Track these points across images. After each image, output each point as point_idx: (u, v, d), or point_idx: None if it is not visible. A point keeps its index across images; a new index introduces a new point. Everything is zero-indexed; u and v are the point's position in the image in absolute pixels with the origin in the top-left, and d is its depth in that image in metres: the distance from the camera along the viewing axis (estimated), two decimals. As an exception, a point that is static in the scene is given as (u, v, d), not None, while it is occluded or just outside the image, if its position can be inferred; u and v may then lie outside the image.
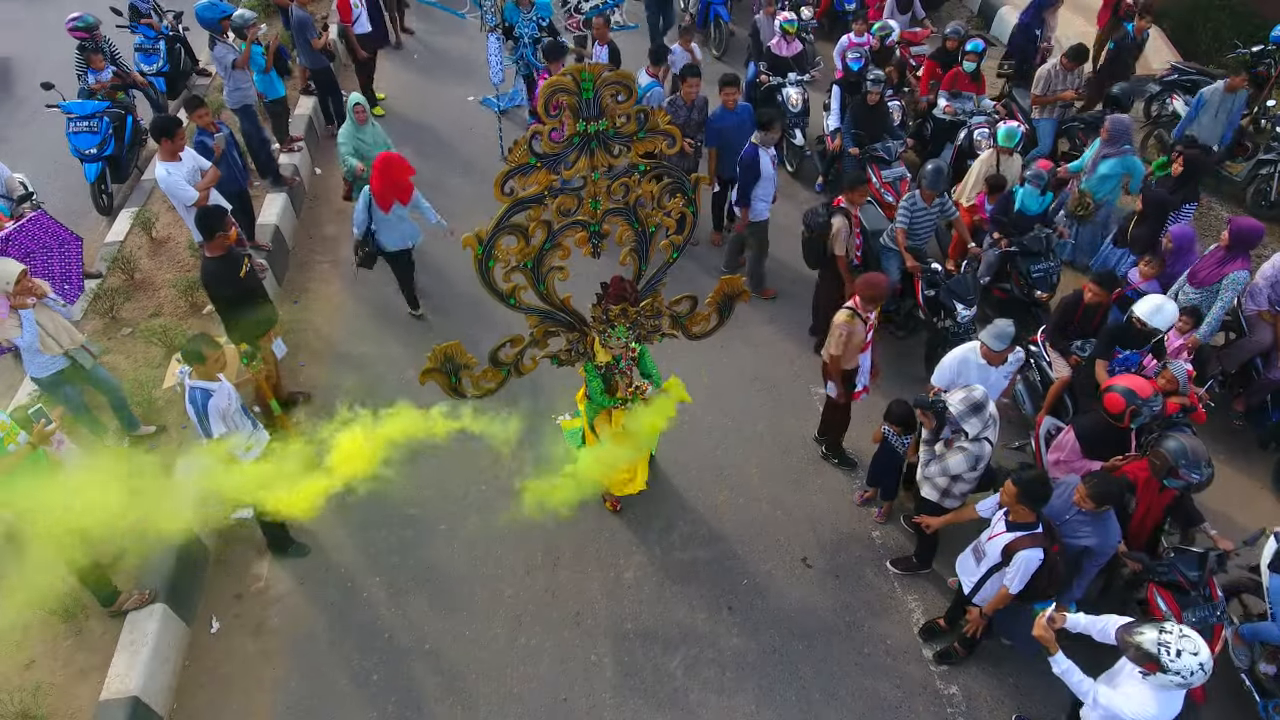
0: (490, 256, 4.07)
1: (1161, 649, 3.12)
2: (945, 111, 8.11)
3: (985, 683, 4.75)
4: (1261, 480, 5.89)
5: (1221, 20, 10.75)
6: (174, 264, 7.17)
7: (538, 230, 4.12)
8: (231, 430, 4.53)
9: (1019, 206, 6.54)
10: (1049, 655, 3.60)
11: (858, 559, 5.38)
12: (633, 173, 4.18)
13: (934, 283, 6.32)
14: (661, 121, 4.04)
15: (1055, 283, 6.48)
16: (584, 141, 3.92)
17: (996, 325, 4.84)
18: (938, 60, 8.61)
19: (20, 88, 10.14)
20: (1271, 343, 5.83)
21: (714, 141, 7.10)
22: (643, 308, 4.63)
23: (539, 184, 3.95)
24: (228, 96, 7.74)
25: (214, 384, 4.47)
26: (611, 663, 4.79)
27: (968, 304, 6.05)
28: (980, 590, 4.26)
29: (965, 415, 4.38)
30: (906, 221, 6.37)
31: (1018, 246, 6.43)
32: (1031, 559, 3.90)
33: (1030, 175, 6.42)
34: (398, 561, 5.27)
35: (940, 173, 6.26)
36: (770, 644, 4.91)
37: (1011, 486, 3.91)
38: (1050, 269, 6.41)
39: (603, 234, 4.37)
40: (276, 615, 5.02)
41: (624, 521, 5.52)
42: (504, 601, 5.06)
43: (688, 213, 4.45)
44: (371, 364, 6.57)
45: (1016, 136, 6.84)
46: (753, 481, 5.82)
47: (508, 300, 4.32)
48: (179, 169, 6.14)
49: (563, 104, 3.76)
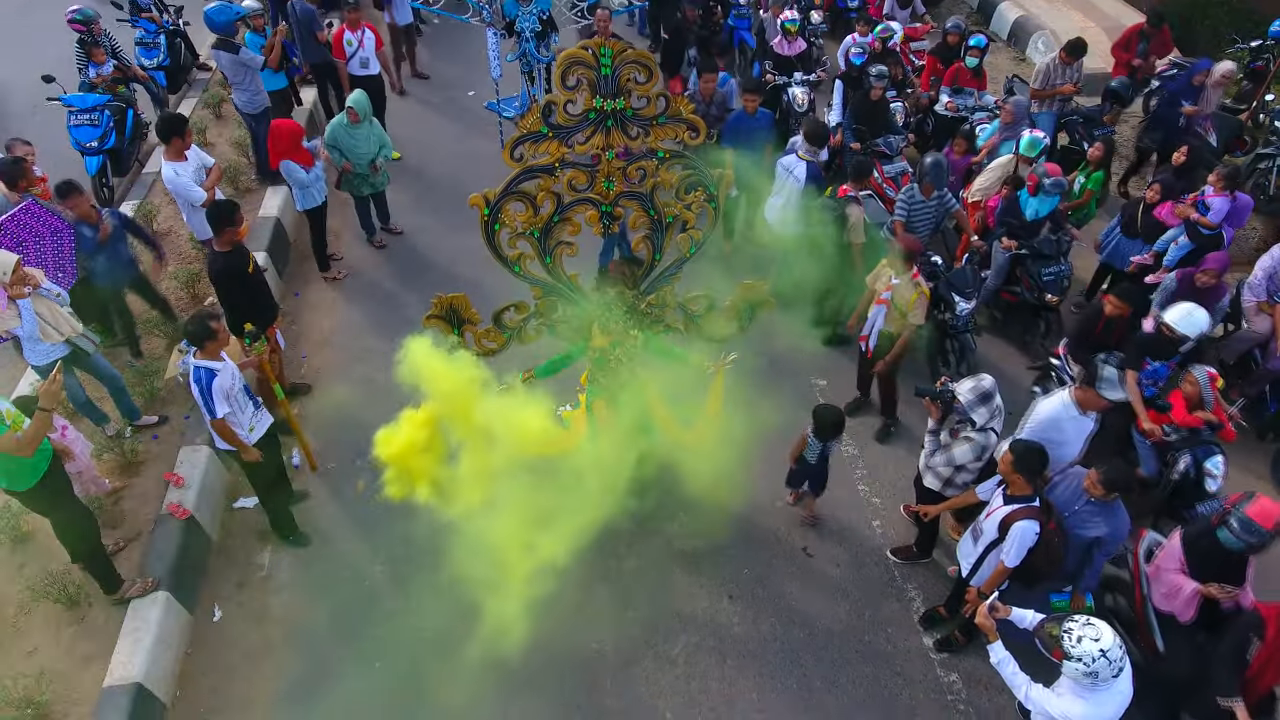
0: (496, 220, 4.08)
1: (1065, 635, 3.14)
2: (947, 108, 8.13)
3: (986, 670, 4.75)
4: (1260, 471, 5.92)
5: (1220, 16, 10.80)
6: (175, 256, 7.17)
7: (546, 200, 4.12)
8: (234, 410, 4.57)
9: (1029, 213, 6.44)
10: (987, 643, 3.59)
11: (858, 548, 5.40)
12: (651, 158, 4.15)
13: (933, 275, 6.23)
14: (685, 110, 4.01)
15: (1066, 286, 6.48)
16: (600, 118, 3.92)
17: (1107, 374, 4.91)
18: (938, 56, 8.63)
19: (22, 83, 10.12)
20: (1269, 333, 5.86)
21: (729, 141, 6.93)
22: (650, 299, 4.63)
23: (550, 154, 3.96)
24: (245, 102, 7.66)
25: (218, 363, 4.49)
26: (613, 651, 4.81)
27: (967, 297, 6.05)
28: (978, 570, 4.28)
29: (974, 405, 4.39)
30: (905, 215, 6.35)
31: (1027, 249, 6.39)
32: (1027, 531, 3.88)
33: (1049, 184, 6.26)
34: (400, 550, 5.27)
35: (940, 166, 6.23)
36: (771, 632, 4.93)
37: (1009, 454, 3.95)
38: (1061, 272, 6.38)
39: (615, 215, 4.35)
40: (278, 604, 5.03)
41: (625, 511, 5.52)
42: (506, 590, 5.06)
43: (709, 208, 4.41)
44: (372, 356, 6.58)
45: (1039, 146, 6.70)
46: (754, 471, 5.82)
47: (513, 267, 4.33)
48: (186, 168, 6.16)
49: (581, 78, 3.77)
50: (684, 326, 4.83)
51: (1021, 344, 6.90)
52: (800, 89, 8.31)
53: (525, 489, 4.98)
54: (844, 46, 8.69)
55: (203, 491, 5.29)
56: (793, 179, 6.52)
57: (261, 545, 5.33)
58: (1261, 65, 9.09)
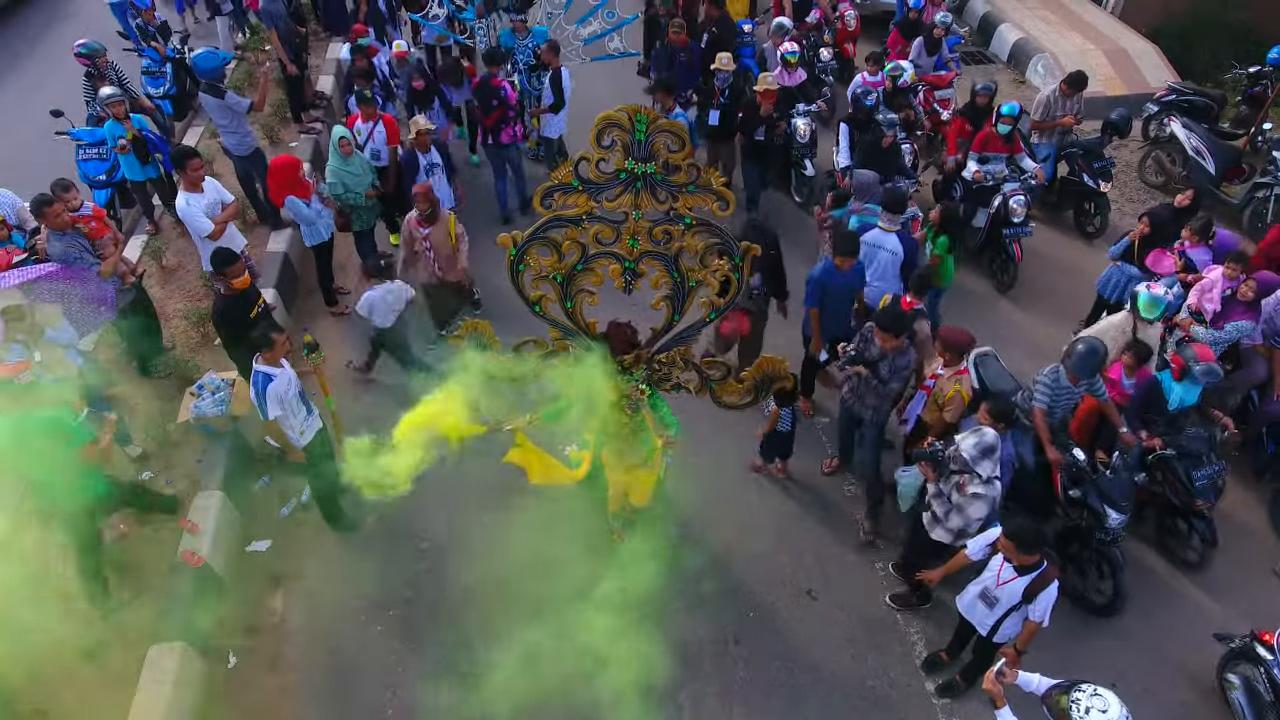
0: (522, 260, 4.23)
1: (1073, 706, 3.26)
2: (975, 177, 7.62)
3: (987, 716, 4.83)
4: (1257, 513, 6.00)
5: (1220, 39, 10.84)
6: (184, 293, 7.25)
7: (571, 249, 4.25)
8: (286, 414, 4.98)
9: (1173, 401, 5.47)
10: (995, 709, 3.67)
11: (861, 591, 5.48)
12: (676, 222, 4.21)
13: (1077, 478, 5.21)
14: (715, 182, 4.07)
15: (1222, 488, 5.48)
16: (630, 179, 4.03)
17: None
18: (967, 116, 8.11)
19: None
20: (1267, 376, 5.95)
21: (814, 302, 5.98)
22: (663, 359, 4.70)
23: (579, 206, 4.09)
24: (235, 144, 7.68)
25: (276, 369, 4.90)
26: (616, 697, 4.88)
27: (1121, 510, 5.01)
28: (1000, 629, 4.35)
29: (977, 459, 4.46)
30: (1046, 402, 5.30)
31: (1175, 449, 5.35)
32: (1052, 592, 4.11)
33: (1200, 371, 5.35)
34: (411, 595, 5.36)
35: (1095, 355, 5.22)
36: (777, 677, 5.02)
37: (1007, 540, 4.04)
38: (1216, 473, 5.35)
39: (638, 273, 4.43)
40: (292, 649, 5.12)
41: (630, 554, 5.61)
42: (511, 635, 5.15)
43: (733, 277, 4.41)
44: (383, 389, 6.64)
45: (1160, 307, 5.55)
46: (757, 514, 5.92)
47: (533, 306, 4.46)
48: (199, 200, 6.26)
49: (615, 139, 3.89)
50: (695, 390, 4.86)
51: (1162, 548, 5.81)
52: (802, 120, 8.34)
53: (528, 533, 5.12)
54: (853, 86, 8.65)
55: (216, 537, 5.37)
56: (884, 253, 6.15)
57: (273, 589, 5.42)
58: (1260, 91, 9.14)
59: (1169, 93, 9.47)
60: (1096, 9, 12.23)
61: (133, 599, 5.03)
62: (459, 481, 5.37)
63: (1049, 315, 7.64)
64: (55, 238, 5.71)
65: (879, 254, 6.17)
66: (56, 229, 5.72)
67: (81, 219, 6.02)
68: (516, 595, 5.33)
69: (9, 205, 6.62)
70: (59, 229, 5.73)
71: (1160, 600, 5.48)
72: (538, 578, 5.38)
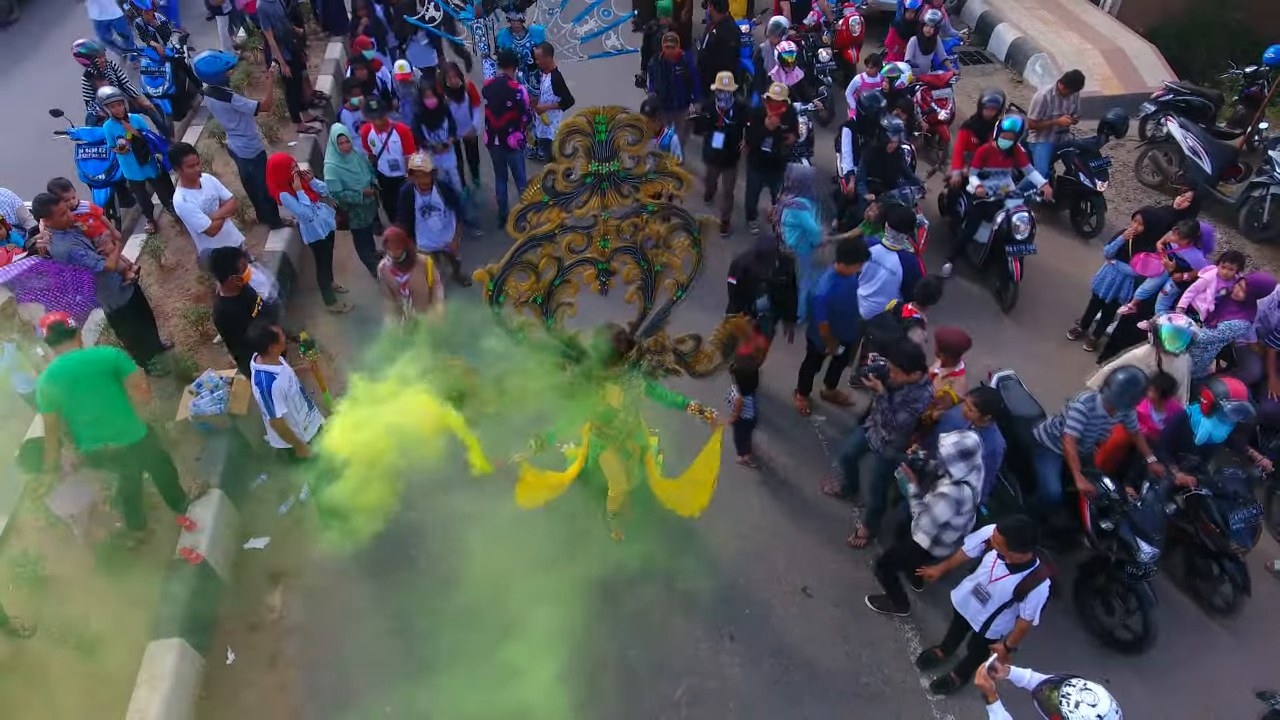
0: (500, 291, 4.19)
1: (1063, 700, 3.28)
2: (976, 192, 7.47)
3: (981, 712, 4.85)
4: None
5: (1217, 39, 10.87)
6: (183, 292, 7.27)
7: (548, 267, 4.25)
8: (291, 410, 5.04)
9: (1200, 436, 5.25)
10: (987, 704, 3.69)
11: (856, 588, 5.50)
12: (641, 212, 4.29)
13: (1108, 509, 5.05)
14: (671, 164, 4.17)
15: (1259, 529, 5.24)
16: (596, 182, 4.06)
17: None
18: (973, 129, 7.90)
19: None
20: (1261, 375, 5.97)
21: (823, 316, 6.01)
22: (647, 345, 4.75)
23: (551, 221, 4.09)
24: (241, 147, 7.68)
25: (277, 367, 4.94)
26: (614, 693, 4.91)
27: (1153, 543, 4.85)
28: (993, 625, 4.38)
29: (953, 459, 4.48)
30: (1080, 428, 5.12)
31: (1210, 489, 5.12)
32: (1043, 591, 4.14)
33: (1232, 409, 5.07)
34: (409, 599, 5.37)
35: (1136, 385, 5.02)
36: (772, 674, 5.04)
37: (999, 536, 4.08)
38: (1253, 516, 5.11)
39: (610, 271, 4.48)
40: (291, 646, 5.14)
41: (626, 552, 5.64)
42: (511, 635, 5.17)
43: (694, 253, 4.55)
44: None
45: (1184, 339, 5.38)
46: (753, 512, 5.94)
47: (517, 337, 4.44)
48: (196, 196, 6.28)
49: (576, 145, 3.89)
50: (679, 368, 4.99)
51: (1194, 592, 5.54)
52: (800, 119, 8.34)
53: (528, 534, 5.14)
54: (851, 87, 8.66)
55: (214, 534, 5.40)
56: (884, 270, 6.15)
57: (272, 587, 5.44)
58: (1256, 91, 9.15)
59: (1166, 92, 9.49)
60: (1094, 9, 12.25)
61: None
62: (458, 477, 5.37)
63: (1045, 315, 7.66)
64: (59, 236, 5.74)
65: (879, 271, 6.17)
66: (60, 228, 5.76)
67: (79, 217, 6.05)
68: (516, 593, 5.38)
69: (8, 204, 6.66)
70: (62, 228, 5.77)
71: (1188, 642, 5.29)
72: (537, 575, 5.44)
